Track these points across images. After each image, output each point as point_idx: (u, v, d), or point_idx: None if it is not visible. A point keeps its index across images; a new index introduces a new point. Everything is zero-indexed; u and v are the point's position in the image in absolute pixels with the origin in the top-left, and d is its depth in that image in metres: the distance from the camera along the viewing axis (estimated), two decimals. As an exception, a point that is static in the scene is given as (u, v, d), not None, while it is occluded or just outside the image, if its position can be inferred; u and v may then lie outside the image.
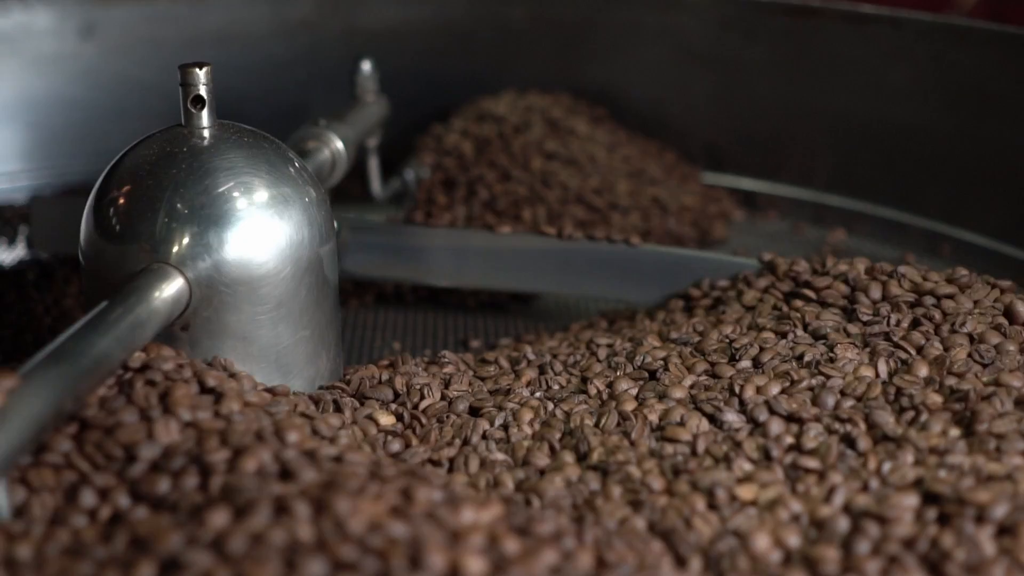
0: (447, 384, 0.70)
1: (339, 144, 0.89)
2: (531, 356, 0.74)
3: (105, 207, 0.66)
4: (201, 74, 0.67)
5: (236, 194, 0.66)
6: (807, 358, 0.66)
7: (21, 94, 1.19)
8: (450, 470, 0.61)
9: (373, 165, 1.09)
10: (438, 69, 1.26)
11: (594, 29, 1.25)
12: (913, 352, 0.65)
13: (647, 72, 1.23)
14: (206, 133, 0.68)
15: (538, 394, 0.69)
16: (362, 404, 0.68)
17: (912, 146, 1.09)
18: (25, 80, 1.19)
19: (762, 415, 0.62)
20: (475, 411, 0.67)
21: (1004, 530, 0.52)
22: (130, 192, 0.66)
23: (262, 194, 0.67)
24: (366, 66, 1.06)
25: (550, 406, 0.66)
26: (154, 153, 0.67)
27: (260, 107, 1.15)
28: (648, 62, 1.23)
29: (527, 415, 0.65)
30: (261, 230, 0.66)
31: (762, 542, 0.53)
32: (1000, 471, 0.55)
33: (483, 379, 0.72)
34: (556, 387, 0.69)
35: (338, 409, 0.67)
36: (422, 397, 0.68)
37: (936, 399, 0.61)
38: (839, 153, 1.14)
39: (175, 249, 0.65)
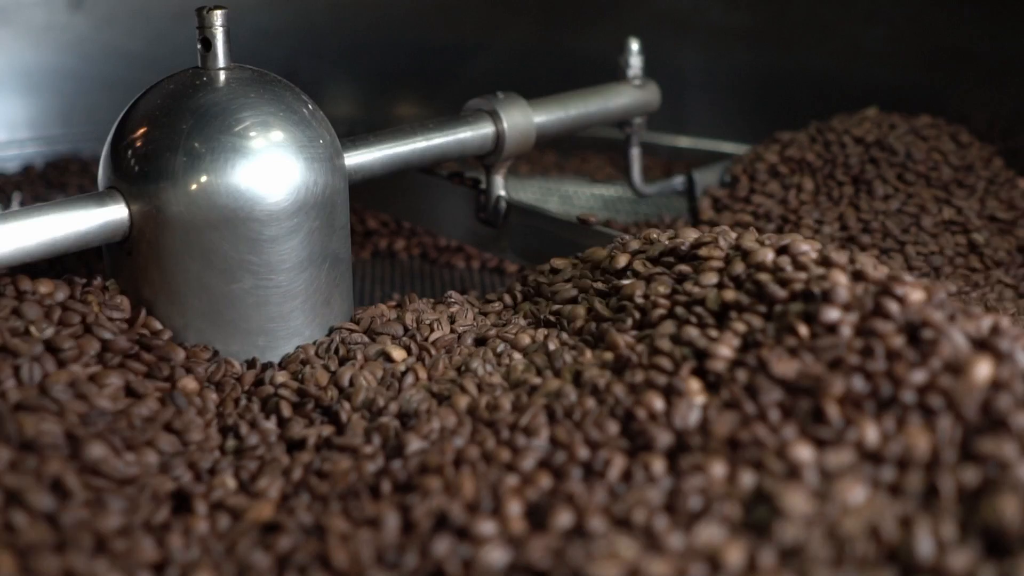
0: (454, 320, 0.72)
1: (504, 123, 0.84)
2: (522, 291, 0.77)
3: (117, 147, 0.68)
4: (212, 16, 0.68)
5: (193, 133, 0.65)
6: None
7: (11, 64, 1.20)
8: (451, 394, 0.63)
9: (633, 155, 1.02)
10: (422, 38, 1.27)
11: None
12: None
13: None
14: (217, 75, 0.68)
15: (530, 320, 0.71)
16: (374, 340, 0.70)
17: (890, 107, 1.11)
18: (15, 50, 1.20)
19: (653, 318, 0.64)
20: (481, 342, 0.69)
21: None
22: (130, 129, 0.67)
23: (229, 137, 0.66)
24: (634, 45, 0.98)
25: (539, 333, 0.69)
26: (159, 92, 0.69)
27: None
28: (630, 29, 1.24)
29: (524, 340, 0.67)
30: (208, 174, 0.65)
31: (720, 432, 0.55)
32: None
33: (486, 315, 0.74)
34: (542, 315, 0.72)
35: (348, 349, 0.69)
36: (432, 331, 0.70)
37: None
38: (821, 116, 1.16)
39: (128, 177, 0.66)
